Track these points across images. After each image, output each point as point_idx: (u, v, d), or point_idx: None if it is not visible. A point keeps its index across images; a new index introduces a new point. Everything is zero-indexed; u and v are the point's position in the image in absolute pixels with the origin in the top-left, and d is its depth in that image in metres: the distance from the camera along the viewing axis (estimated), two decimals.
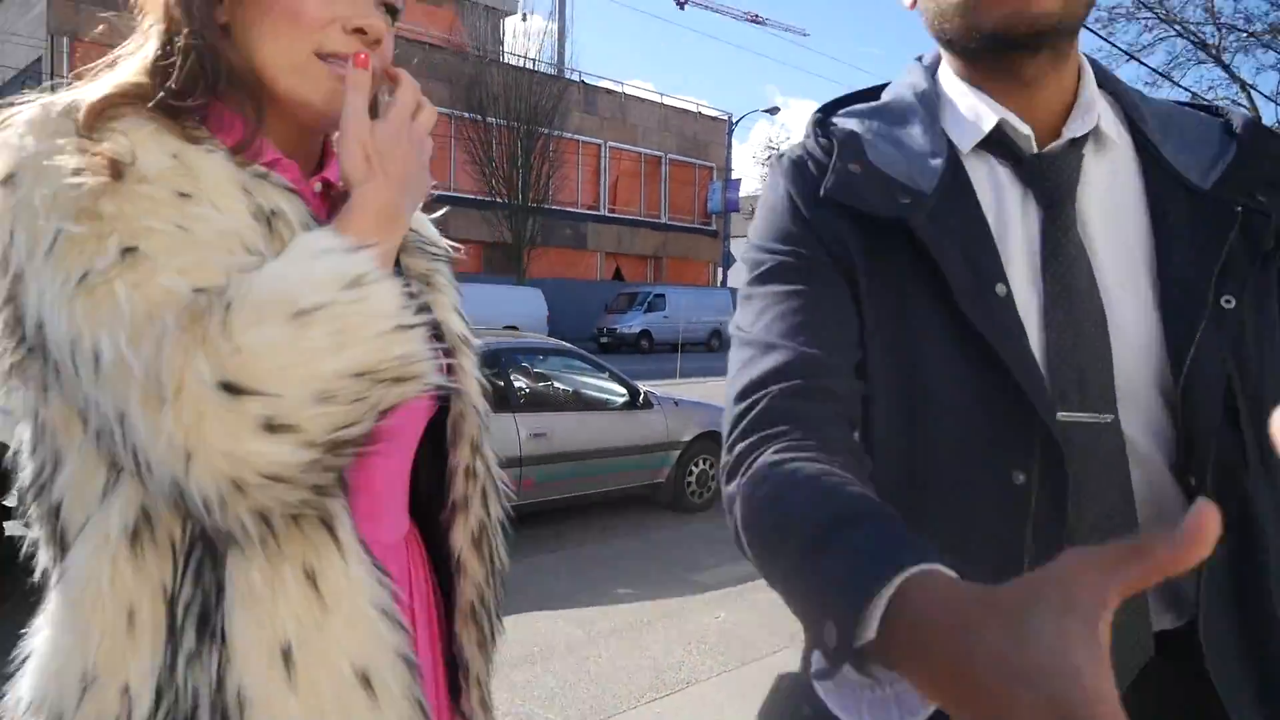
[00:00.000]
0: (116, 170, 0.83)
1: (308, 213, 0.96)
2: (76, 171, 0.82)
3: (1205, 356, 0.94)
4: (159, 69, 0.95)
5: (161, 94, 0.92)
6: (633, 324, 27.40)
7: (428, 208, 1.21)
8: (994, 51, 0.96)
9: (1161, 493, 0.96)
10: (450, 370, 1.06)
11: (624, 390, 7.29)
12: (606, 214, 33.40)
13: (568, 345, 7.68)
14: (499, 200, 28.07)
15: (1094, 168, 1.01)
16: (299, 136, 1.05)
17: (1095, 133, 1.01)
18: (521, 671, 4.10)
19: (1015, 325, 0.98)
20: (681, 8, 46.99)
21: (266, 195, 0.93)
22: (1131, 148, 1.03)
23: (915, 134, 1.07)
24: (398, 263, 1.07)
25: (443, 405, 1.09)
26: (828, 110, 1.14)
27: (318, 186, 1.07)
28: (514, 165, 28.11)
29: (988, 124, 1.01)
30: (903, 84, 1.11)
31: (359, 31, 1.00)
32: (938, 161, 1.03)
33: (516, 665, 4.16)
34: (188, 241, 0.83)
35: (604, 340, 26.62)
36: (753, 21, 49.67)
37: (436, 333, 1.04)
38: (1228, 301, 0.95)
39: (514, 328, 22.53)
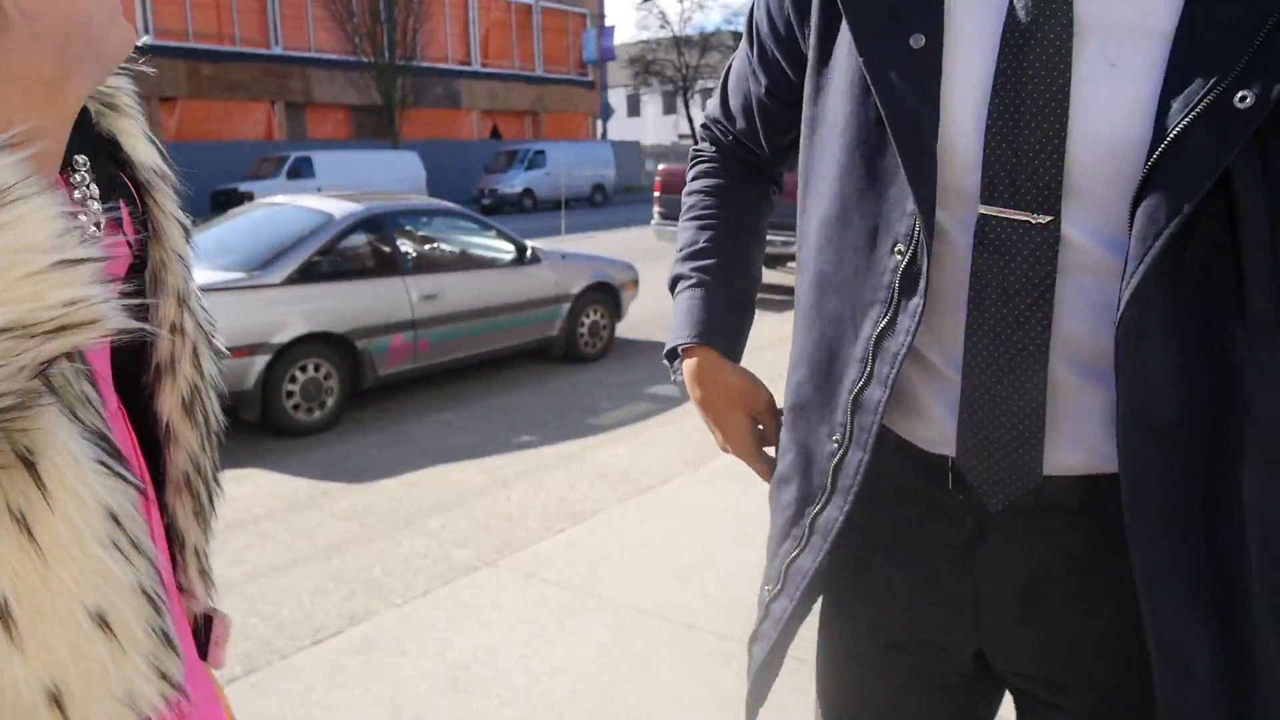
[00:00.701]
0: None
1: None
2: None
3: (1183, 162, 0.79)
4: None
5: None
6: (514, 183, 26.97)
7: None
8: None
9: (1098, 319, 0.87)
10: (145, 210, 0.94)
11: (511, 247, 7.33)
12: (479, 69, 32.25)
13: (452, 205, 7.62)
14: (364, 60, 26.78)
15: None
16: None
17: None
18: (436, 518, 4.32)
19: (926, 89, 0.90)
20: None
21: None
22: None
23: None
24: None
25: (140, 254, 0.94)
26: None
27: None
28: (376, 20, 26.73)
29: None
30: None
31: None
32: None
33: (430, 513, 4.38)
34: None
35: (486, 202, 26.19)
36: None
37: (126, 168, 0.93)
38: (1242, 98, 0.76)
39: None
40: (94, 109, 0.92)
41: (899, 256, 0.93)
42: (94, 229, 0.82)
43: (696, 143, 1.38)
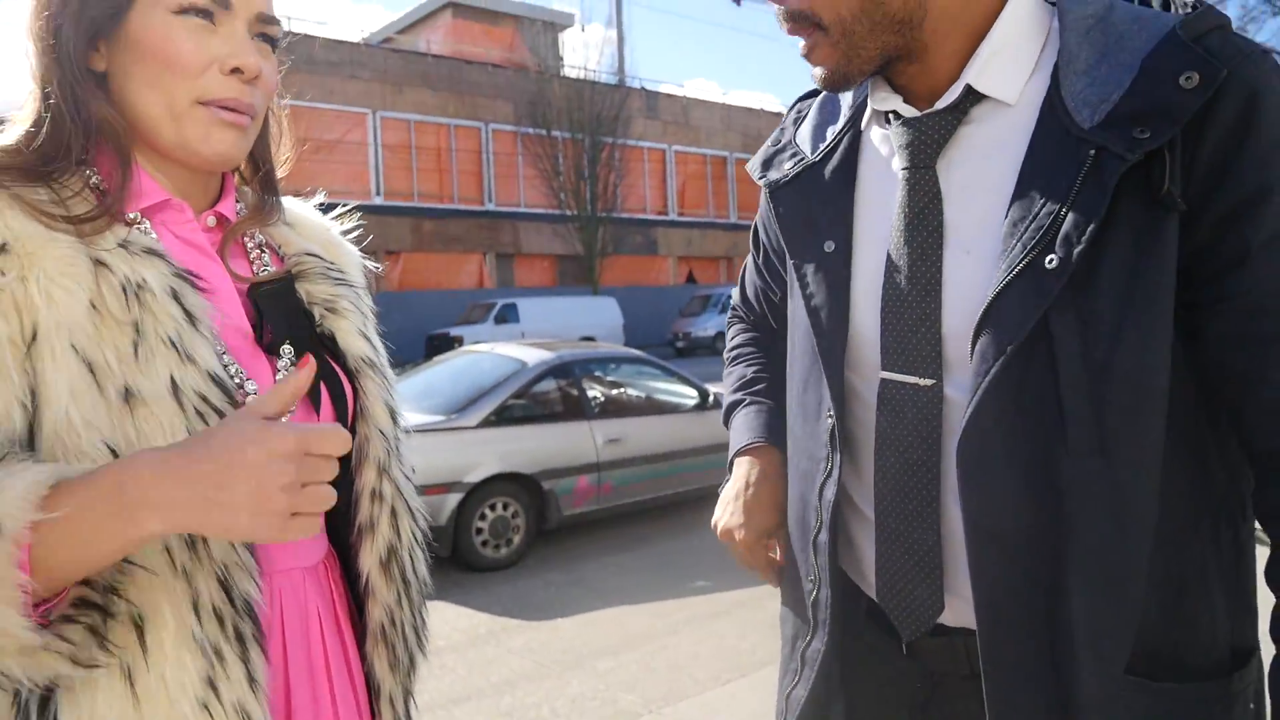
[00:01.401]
0: None
1: (172, 274, 0.94)
2: None
3: (1000, 319, 0.92)
4: (29, 132, 0.95)
5: (26, 159, 0.93)
6: (707, 326, 27.57)
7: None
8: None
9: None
10: (355, 392, 1.10)
11: (694, 392, 7.54)
12: (676, 218, 33.64)
13: (636, 352, 7.97)
14: (568, 213, 28.55)
15: (970, 131, 1.02)
16: (189, 179, 1.04)
17: (974, 98, 1.01)
18: (605, 660, 4.40)
19: (836, 284, 1.11)
20: (738, 3, 46.97)
21: (130, 266, 0.92)
22: (1039, 98, 0.98)
23: (838, 107, 1.21)
24: (295, 290, 1.10)
25: (351, 429, 1.09)
26: (812, 94, 1.30)
27: (210, 221, 1.07)
28: (580, 177, 28.57)
29: (873, 100, 1.11)
30: None
31: (236, 71, 0.98)
32: (834, 128, 1.18)
33: (600, 655, 4.47)
34: None
35: (680, 345, 26.82)
36: None
37: (340, 359, 1.10)
38: (1050, 261, 0.89)
39: (590, 338, 22.96)
40: (318, 314, 1.11)
41: (830, 419, 1.13)
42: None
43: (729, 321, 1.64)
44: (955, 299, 1.00)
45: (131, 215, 0.98)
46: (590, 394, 7.05)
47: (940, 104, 1.03)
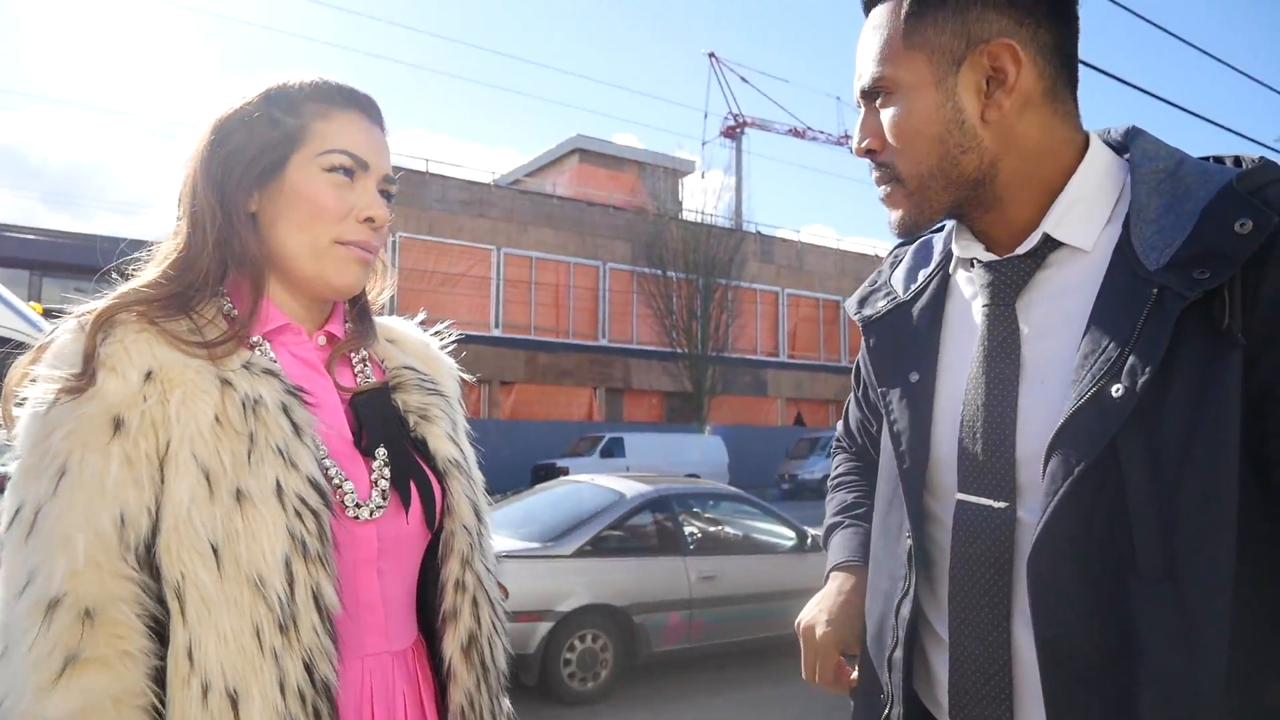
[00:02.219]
0: (79, 390, 1.00)
1: (284, 390, 1.10)
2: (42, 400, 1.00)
3: (1070, 442, 0.97)
4: (178, 259, 1.13)
5: (171, 291, 1.10)
6: (814, 469, 27.15)
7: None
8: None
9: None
10: (443, 492, 1.24)
11: (792, 533, 7.43)
12: (786, 360, 33.73)
13: (735, 489, 7.95)
14: (679, 350, 28.95)
15: (1048, 275, 1.11)
16: (309, 304, 1.22)
17: (1052, 245, 1.10)
18: None
19: (919, 410, 1.18)
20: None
21: (250, 384, 1.08)
22: (1111, 245, 1.05)
23: (934, 248, 1.32)
24: (392, 398, 1.27)
25: (438, 526, 1.23)
26: (910, 242, 1.41)
27: (321, 340, 1.24)
28: (693, 316, 29.07)
29: (957, 248, 1.22)
30: None
31: (369, 220, 1.18)
32: (925, 271, 1.29)
33: None
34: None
35: (786, 487, 26.44)
36: None
37: (430, 461, 1.24)
38: (1117, 390, 0.94)
39: (695, 475, 22.85)
40: (413, 420, 1.27)
41: (908, 539, 1.19)
42: (380, 499, 1.16)
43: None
44: (1029, 426, 1.06)
45: (254, 339, 1.15)
46: (686, 529, 7.03)
47: (1020, 250, 1.11)
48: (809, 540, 7.35)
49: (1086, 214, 1.09)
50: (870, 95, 1.15)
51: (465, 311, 27.08)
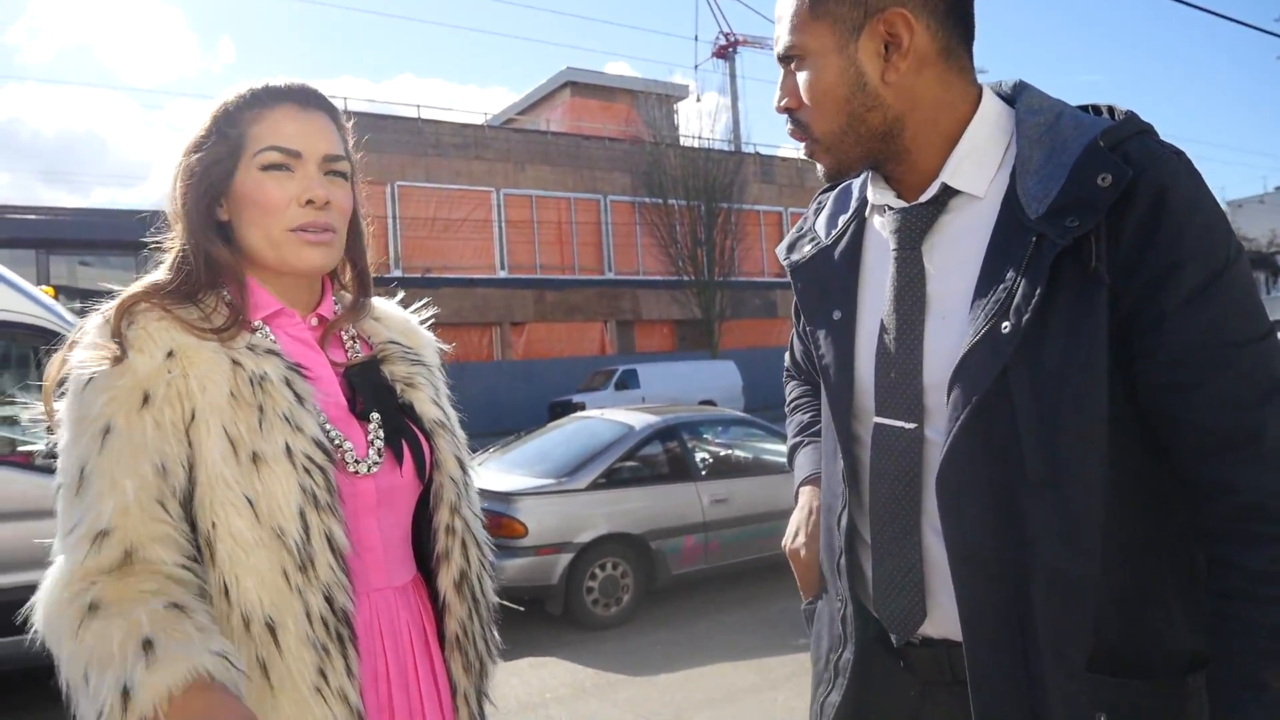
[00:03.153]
0: (117, 360, 1.16)
1: (286, 367, 1.26)
2: (83, 366, 1.17)
3: (968, 374, 1.12)
4: (178, 265, 1.29)
5: (177, 287, 1.26)
6: None
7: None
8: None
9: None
10: (431, 450, 1.40)
11: None
12: None
13: (740, 414, 8.17)
14: (686, 279, 28.98)
15: (948, 219, 1.24)
16: (296, 287, 1.37)
17: (950, 192, 1.22)
18: (704, 713, 4.54)
19: (842, 344, 1.32)
20: None
21: (255, 363, 1.24)
22: (1001, 193, 1.18)
23: (852, 194, 1.44)
24: (381, 369, 1.43)
25: (428, 478, 1.40)
26: (830, 189, 1.52)
27: (314, 321, 1.39)
28: (697, 243, 29.02)
29: (871, 195, 1.34)
30: None
31: (309, 202, 1.29)
32: (844, 216, 1.41)
33: (700, 708, 4.61)
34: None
35: None
36: None
37: (418, 422, 1.40)
38: (1005, 326, 1.09)
39: (710, 402, 23.00)
40: (399, 388, 1.43)
41: (841, 460, 1.34)
42: (376, 456, 1.33)
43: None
44: (933, 357, 1.21)
45: (255, 323, 1.30)
46: (696, 456, 7.24)
47: (923, 198, 1.25)
48: None
49: (979, 163, 1.21)
50: (784, 60, 1.27)
51: (470, 256, 27.14)
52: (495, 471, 6.98)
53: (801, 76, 1.24)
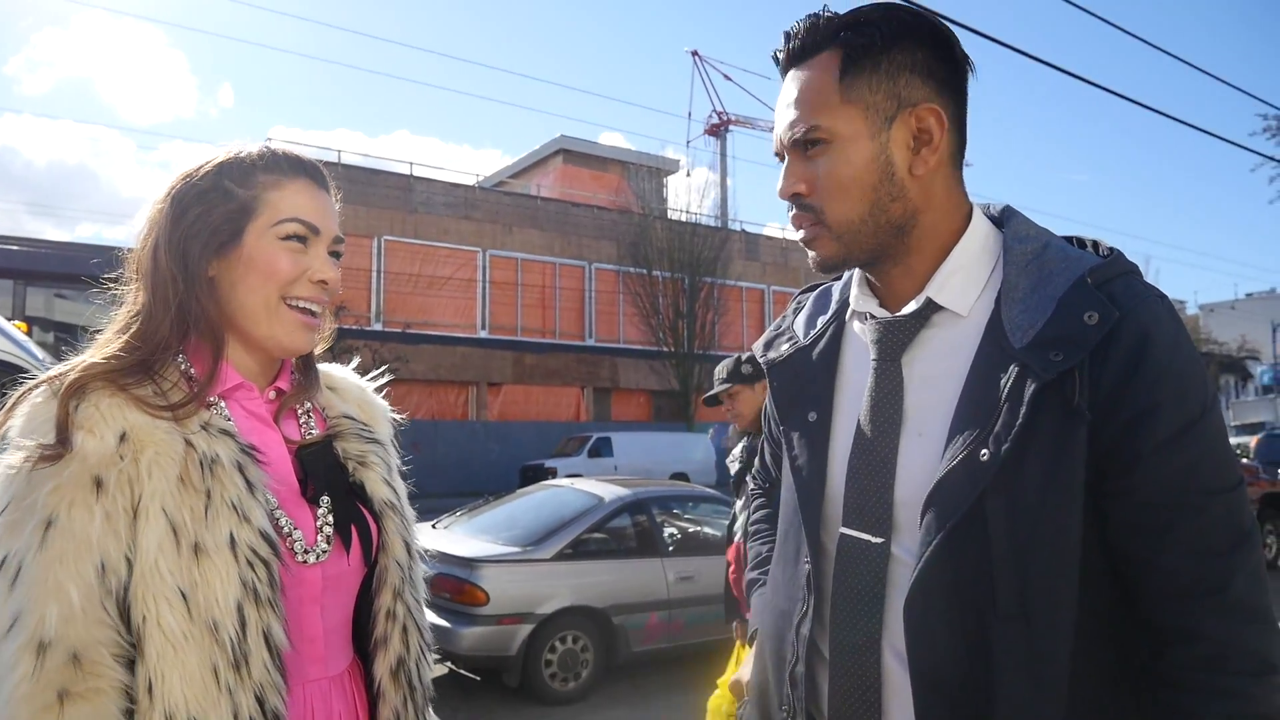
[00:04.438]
0: (56, 456, 1.09)
1: (239, 450, 1.20)
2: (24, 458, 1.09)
3: (943, 498, 1.09)
4: (139, 329, 1.22)
5: (135, 360, 1.19)
6: None
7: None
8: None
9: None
10: (380, 530, 1.37)
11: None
12: None
13: (712, 491, 8.11)
14: (666, 349, 29.06)
15: (930, 334, 1.23)
16: (261, 360, 1.33)
17: (934, 307, 1.22)
18: None
19: (816, 446, 1.29)
20: None
21: (208, 444, 1.18)
22: (985, 315, 1.19)
23: (832, 297, 1.44)
24: (334, 447, 1.38)
25: (372, 561, 1.35)
26: (811, 289, 1.54)
27: (271, 395, 1.35)
28: (679, 315, 29.17)
29: (854, 302, 1.34)
30: None
31: (322, 282, 1.30)
32: (824, 318, 1.41)
33: None
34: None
35: None
36: None
37: (368, 504, 1.36)
38: (984, 454, 1.08)
39: (683, 475, 22.89)
40: (351, 467, 1.39)
41: (807, 564, 1.30)
42: (325, 544, 1.29)
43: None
44: (907, 472, 1.19)
45: (212, 400, 1.25)
46: (665, 531, 7.17)
47: (906, 310, 1.24)
48: None
49: (965, 281, 1.22)
50: (801, 145, 1.23)
51: (451, 314, 27.16)
52: (461, 536, 6.88)
53: (824, 162, 1.21)
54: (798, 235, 1.28)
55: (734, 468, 4.14)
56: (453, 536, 6.90)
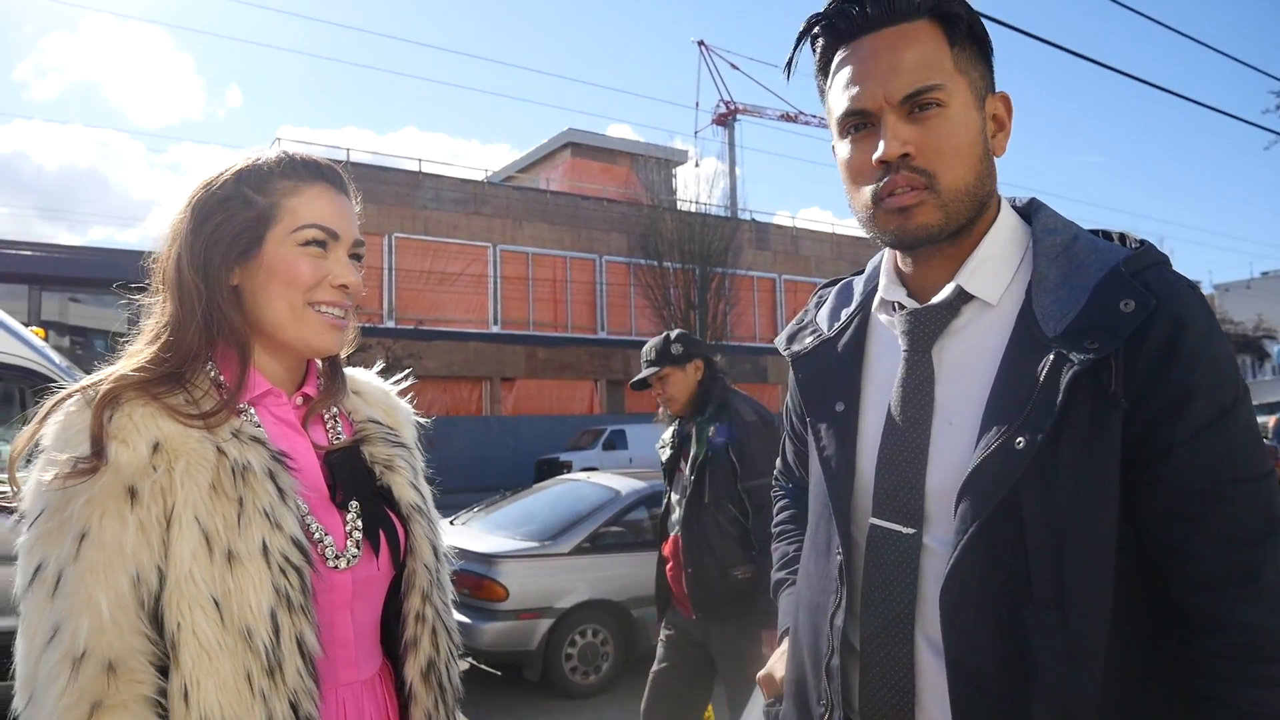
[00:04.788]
0: (91, 470, 1.10)
1: (270, 457, 1.21)
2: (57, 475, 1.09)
3: (978, 487, 1.09)
4: (168, 340, 1.23)
5: (166, 370, 1.20)
6: None
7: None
8: (892, 246, 1.28)
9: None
10: (407, 534, 1.38)
11: None
12: None
13: None
14: None
15: (960, 324, 1.23)
16: (289, 365, 1.34)
17: (964, 297, 1.22)
18: None
19: (844, 437, 1.29)
20: None
21: (239, 451, 1.19)
22: (1016, 305, 1.19)
23: (855, 290, 1.44)
24: (361, 452, 1.40)
25: (400, 563, 1.37)
26: (832, 284, 1.52)
27: (299, 400, 1.36)
28: (690, 306, 29.16)
29: (882, 290, 1.33)
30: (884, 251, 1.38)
31: (343, 286, 1.30)
32: (848, 310, 1.40)
33: None
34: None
35: None
36: None
37: (394, 508, 1.38)
38: (1019, 442, 1.07)
39: None
40: (379, 471, 1.40)
41: (839, 556, 1.29)
42: (355, 549, 1.30)
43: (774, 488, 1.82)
44: (938, 462, 1.18)
45: (242, 406, 1.26)
46: None
47: (936, 299, 1.24)
48: None
49: (994, 271, 1.22)
50: (909, 104, 1.17)
51: (463, 310, 27.20)
52: (478, 532, 6.90)
53: (940, 123, 1.17)
54: (889, 201, 1.19)
55: (664, 454, 4.02)
56: (471, 532, 6.92)
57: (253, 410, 1.29)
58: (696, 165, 35.77)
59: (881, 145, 1.17)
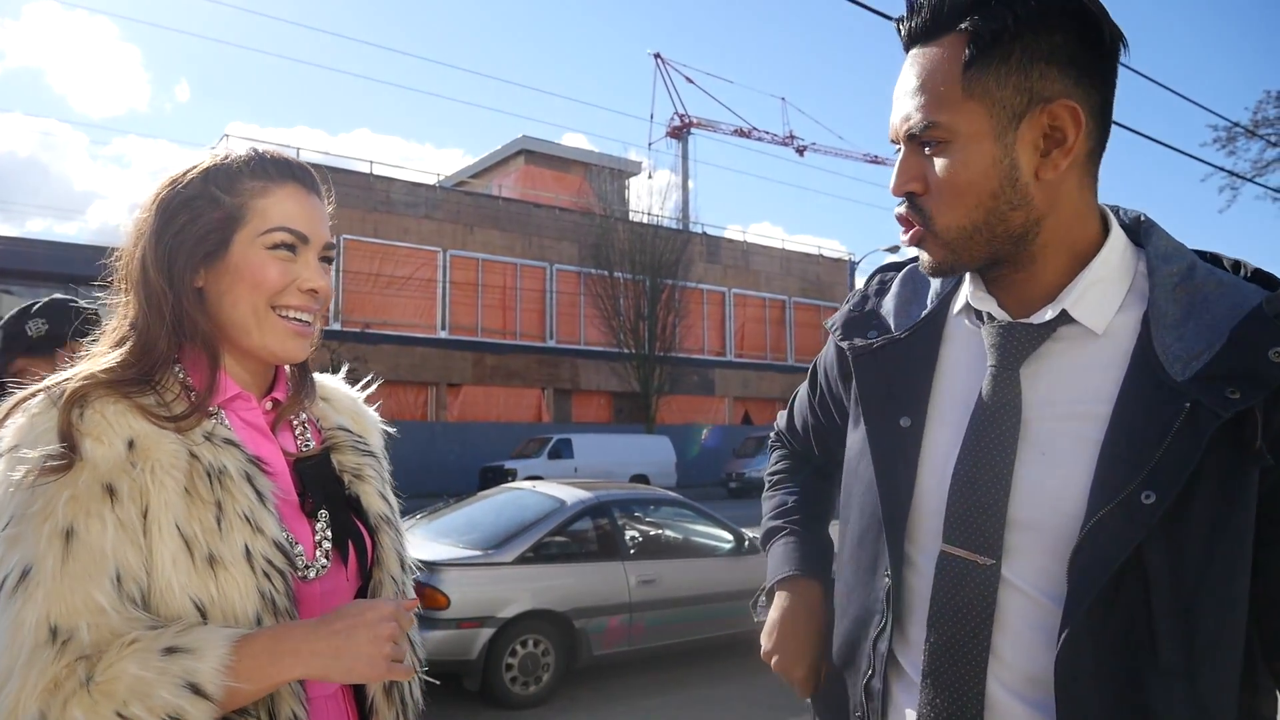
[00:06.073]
0: (65, 466, 1.06)
1: (246, 460, 1.19)
2: (29, 470, 1.05)
3: (1098, 545, 0.99)
4: (135, 343, 1.20)
5: (136, 371, 1.17)
6: (761, 467, 27.00)
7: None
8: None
9: (1032, 640, 1.05)
10: (374, 544, 1.35)
11: (730, 536, 7.60)
12: (733, 359, 33.99)
13: (673, 494, 8.10)
14: (626, 351, 29.05)
15: (1055, 347, 1.12)
16: (256, 370, 1.31)
17: (1064, 319, 1.11)
18: None
19: (907, 455, 1.18)
20: (801, 154, 48.68)
21: (214, 454, 1.16)
22: (1130, 339, 1.08)
23: (926, 290, 1.30)
24: (331, 460, 1.37)
25: (366, 573, 1.34)
26: (894, 267, 1.41)
27: (269, 405, 1.33)
28: (640, 317, 29.20)
29: (966, 298, 1.22)
30: None
31: (312, 291, 1.26)
32: (919, 310, 1.27)
33: None
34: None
35: (733, 485, 26.60)
36: (872, 163, 50.88)
37: (363, 517, 1.35)
38: (1147, 496, 0.97)
39: (643, 477, 22.88)
40: (348, 480, 1.37)
41: (887, 579, 1.20)
42: (324, 559, 1.28)
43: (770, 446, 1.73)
44: (1024, 491, 1.08)
45: (213, 409, 1.23)
46: (626, 534, 7.16)
47: (1035, 318, 1.13)
48: (746, 543, 7.51)
49: (1103, 297, 1.11)
50: (918, 140, 1.11)
51: (411, 314, 26.95)
52: (421, 539, 6.82)
53: (941, 162, 1.10)
54: (902, 237, 1.17)
55: None
56: (414, 539, 6.83)
57: (223, 413, 1.25)
58: (650, 177, 36.09)
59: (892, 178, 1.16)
